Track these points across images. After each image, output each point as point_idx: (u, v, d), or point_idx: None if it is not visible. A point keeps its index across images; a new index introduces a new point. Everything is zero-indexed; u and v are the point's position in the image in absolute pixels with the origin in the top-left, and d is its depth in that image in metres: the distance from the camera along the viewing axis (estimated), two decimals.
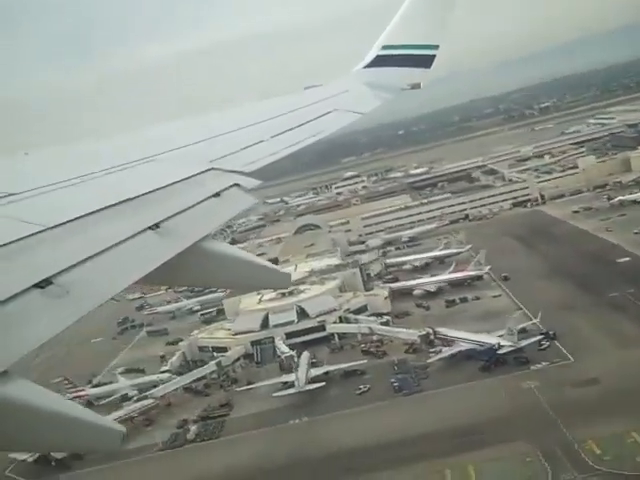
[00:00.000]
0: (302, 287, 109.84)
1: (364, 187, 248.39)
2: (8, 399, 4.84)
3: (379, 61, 19.77)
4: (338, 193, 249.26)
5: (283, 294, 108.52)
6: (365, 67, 19.94)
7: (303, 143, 12.73)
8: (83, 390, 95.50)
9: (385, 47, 19.83)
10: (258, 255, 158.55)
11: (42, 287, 5.57)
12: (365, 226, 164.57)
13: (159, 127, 13.87)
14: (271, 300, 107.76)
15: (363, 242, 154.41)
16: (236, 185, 9.46)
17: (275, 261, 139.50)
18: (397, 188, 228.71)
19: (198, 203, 8.48)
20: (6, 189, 7.56)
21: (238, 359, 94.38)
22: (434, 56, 19.82)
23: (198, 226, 7.86)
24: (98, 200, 7.63)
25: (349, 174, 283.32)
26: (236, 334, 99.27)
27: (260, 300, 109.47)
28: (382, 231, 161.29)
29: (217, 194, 8.98)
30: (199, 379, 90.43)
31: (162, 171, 9.68)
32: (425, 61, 19.82)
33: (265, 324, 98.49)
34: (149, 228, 7.27)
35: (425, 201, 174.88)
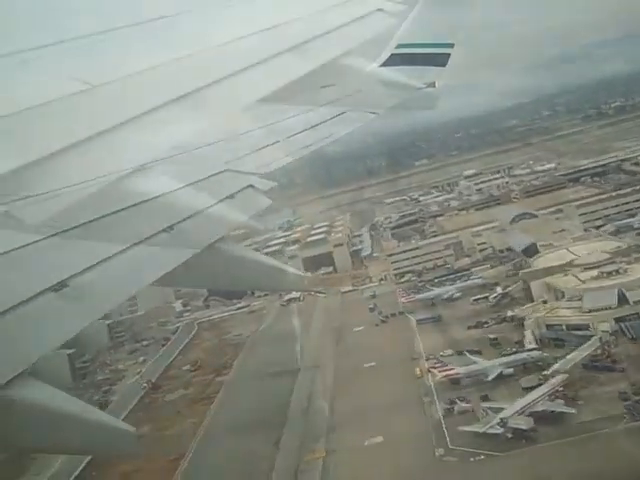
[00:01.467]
0: (624, 267, 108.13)
1: (507, 183, 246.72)
2: (25, 401, 4.81)
3: (393, 59, 19.14)
4: (478, 190, 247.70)
5: (609, 273, 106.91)
6: (379, 66, 19.34)
7: (318, 144, 12.77)
8: (453, 369, 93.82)
9: (399, 45, 19.32)
10: (487, 244, 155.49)
11: (57, 290, 5.59)
12: (580, 214, 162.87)
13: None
14: (598, 279, 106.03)
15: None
16: (250, 187, 9.52)
17: (534, 246, 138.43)
18: (551, 182, 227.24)
19: (212, 205, 8.52)
20: (20, 192, 7.52)
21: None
22: (449, 54, 19.29)
23: (212, 228, 7.93)
24: (111, 203, 7.64)
25: (470, 172, 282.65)
26: (590, 311, 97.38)
27: (582, 280, 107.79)
28: (599, 219, 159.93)
29: (231, 196, 9.03)
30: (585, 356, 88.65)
31: (175, 173, 9.56)
32: (440, 59, 19.31)
33: (624, 300, 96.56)
34: (163, 231, 7.30)
35: (638, 188, 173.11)
